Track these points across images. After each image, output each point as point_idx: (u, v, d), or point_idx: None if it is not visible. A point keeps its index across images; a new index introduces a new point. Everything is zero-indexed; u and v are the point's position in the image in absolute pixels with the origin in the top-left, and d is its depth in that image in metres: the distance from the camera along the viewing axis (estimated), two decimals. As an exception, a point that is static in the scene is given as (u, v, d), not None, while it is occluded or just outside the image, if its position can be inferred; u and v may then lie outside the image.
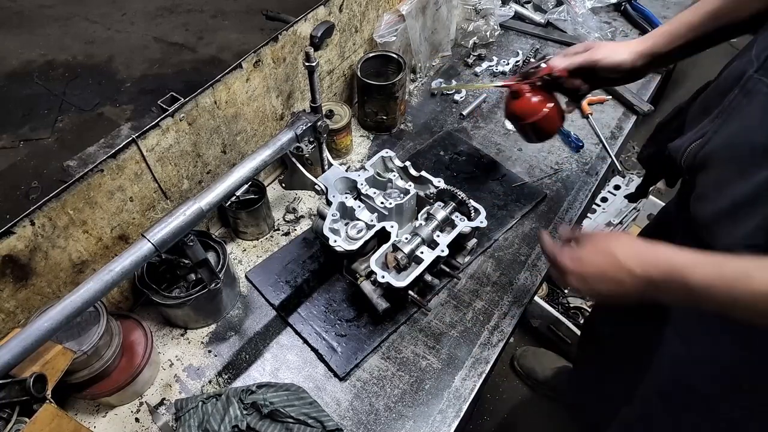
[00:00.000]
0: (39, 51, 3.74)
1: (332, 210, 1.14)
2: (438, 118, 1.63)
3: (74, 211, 0.97)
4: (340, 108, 1.46)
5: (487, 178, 1.45)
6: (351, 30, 1.48)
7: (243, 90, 1.20)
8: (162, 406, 1.08)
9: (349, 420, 1.05)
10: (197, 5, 4.13)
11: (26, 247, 0.92)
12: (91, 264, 1.06)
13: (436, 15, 1.66)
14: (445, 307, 1.21)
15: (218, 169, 1.25)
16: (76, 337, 0.94)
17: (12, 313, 0.97)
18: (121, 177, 1.02)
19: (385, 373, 1.11)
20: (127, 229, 1.10)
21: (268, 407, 0.99)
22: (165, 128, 1.06)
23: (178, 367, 1.13)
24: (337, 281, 1.24)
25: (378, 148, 1.54)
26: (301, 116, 1.13)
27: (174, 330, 1.19)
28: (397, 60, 1.51)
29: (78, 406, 1.07)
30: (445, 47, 1.80)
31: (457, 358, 1.13)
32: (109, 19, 4.00)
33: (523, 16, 1.93)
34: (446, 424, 1.04)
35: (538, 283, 1.25)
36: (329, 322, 1.17)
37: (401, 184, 1.20)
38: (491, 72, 1.75)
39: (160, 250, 0.88)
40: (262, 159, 1.04)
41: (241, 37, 3.83)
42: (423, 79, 1.74)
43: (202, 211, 0.94)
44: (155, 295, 1.08)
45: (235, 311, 1.22)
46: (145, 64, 3.64)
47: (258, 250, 1.33)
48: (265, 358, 1.14)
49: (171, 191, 1.16)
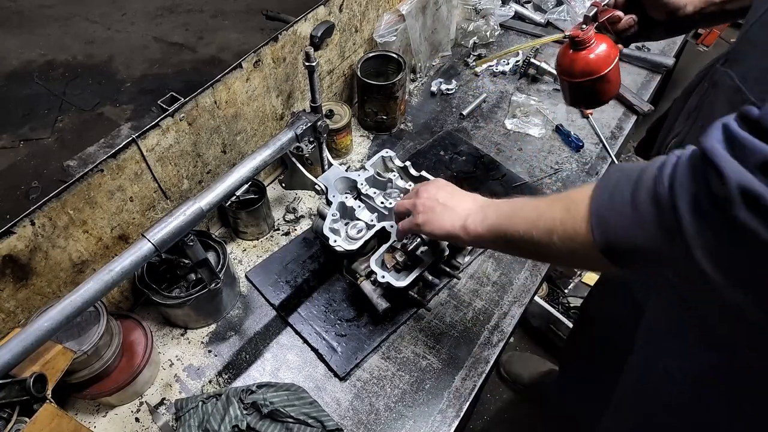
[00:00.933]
0: (39, 51, 3.74)
1: (332, 210, 1.14)
2: (438, 118, 1.63)
3: (74, 211, 0.97)
4: (340, 108, 1.46)
5: (487, 178, 1.45)
6: (351, 30, 1.48)
7: (243, 90, 1.20)
8: (162, 406, 1.08)
9: (349, 420, 1.05)
10: (197, 5, 4.14)
11: (26, 247, 0.92)
12: (91, 264, 1.06)
13: (436, 15, 1.66)
14: (445, 307, 1.21)
15: (218, 169, 1.25)
16: (76, 337, 0.94)
17: (12, 313, 0.97)
18: (121, 177, 1.02)
19: (385, 373, 1.11)
20: (127, 229, 1.10)
21: (268, 407, 0.99)
22: (165, 128, 1.06)
23: (178, 367, 1.13)
24: (337, 281, 1.24)
25: (378, 148, 1.54)
26: (301, 116, 1.13)
27: (174, 330, 1.19)
28: (397, 60, 1.51)
29: (78, 406, 1.07)
30: (445, 47, 1.80)
31: (457, 358, 1.13)
32: (109, 19, 4.00)
33: (523, 16, 1.93)
34: (446, 424, 1.04)
35: (538, 283, 1.25)
36: (329, 322, 1.17)
37: (401, 184, 1.20)
38: (491, 72, 1.75)
39: (160, 250, 0.88)
40: (262, 159, 1.04)
41: (241, 37, 3.83)
42: (423, 79, 1.75)
43: (202, 211, 0.94)
44: (155, 295, 1.08)
45: (235, 311, 1.22)
46: (145, 64, 3.64)
47: (258, 250, 1.33)
48: (265, 358, 1.14)
49: (171, 191, 1.16)
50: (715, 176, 0.51)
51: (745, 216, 0.49)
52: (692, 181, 0.54)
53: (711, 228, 0.53)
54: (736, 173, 0.50)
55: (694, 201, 0.54)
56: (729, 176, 0.50)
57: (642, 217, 0.59)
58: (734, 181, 0.49)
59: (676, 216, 0.55)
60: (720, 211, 0.51)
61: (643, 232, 0.59)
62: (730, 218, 0.50)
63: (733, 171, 0.50)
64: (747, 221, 0.49)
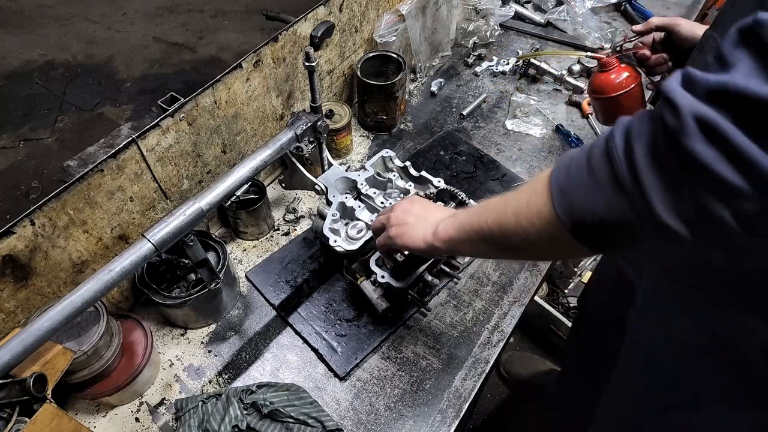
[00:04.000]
0: (39, 51, 3.75)
1: (332, 210, 1.14)
2: (438, 118, 1.63)
3: (74, 211, 0.97)
4: (340, 108, 1.46)
5: (487, 178, 1.45)
6: (351, 30, 1.49)
7: (243, 90, 1.20)
8: (162, 406, 1.08)
9: (349, 420, 1.05)
10: (197, 5, 4.14)
11: (26, 247, 0.92)
12: (91, 264, 1.06)
13: (436, 15, 1.66)
14: (445, 307, 1.21)
15: (218, 169, 1.25)
16: (76, 337, 0.94)
17: (12, 313, 0.97)
18: (121, 177, 1.02)
19: (385, 373, 1.11)
20: (127, 229, 1.10)
21: (268, 407, 0.99)
22: (165, 128, 1.06)
23: (178, 367, 1.13)
24: (337, 281, 1.24)
25: (378, 148, 1.54)
26: (301, 116, 1.13)
27: (174, 330, 1.19)
28: (397, 60, 1.51)
29: (78, 406, 1.07)
30: (445, 47, 1.80)
31: (457, 358, 1.13)
32: (109, 19, 4.00)
33: (523, 16, 1.93)
34: (446, 424, 1.04)
35: (538, 283, 1.25)
36: (329, 322, 1.17)
37: (401, 184, 1.20)
38: (491, 72, 1.75)
39: (160, 250, 0.88)
40: (262, 159, 1.04)
41: (241, 37, 3.84)
42: (423, 79, 1.75)
43: (202, 211, 0.94)
44: (155, 295, 1.08)
45: (235, 311, 1.22)
46: (145, 64, 3.64)
47: (258, 250, 1.33)
48: (265, 358, 1.14)
49: (171, 191, 1.16)
50: (669, 110, 0.51)
51: (699, 147, 0.49)
52: (649, 124, 0.54)
53: (667, 169, 0.52)
54: (689, 102, 0.50)
55: (651, 144, 0.53)
56: (682, 105, 0.50)
57: (597, 177, 0.58)
58: (688, 110, 0.49)
59: (631, 165, 0.54)
60: (674, 144, 0.50)
61: (601, 194, 0.57)
62: (685, 151, 0.49)
63: (686, 101, 0.50)
64: (699, 152, 0.49)
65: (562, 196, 0.62)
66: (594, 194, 0.58)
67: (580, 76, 1.66)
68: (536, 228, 0.66)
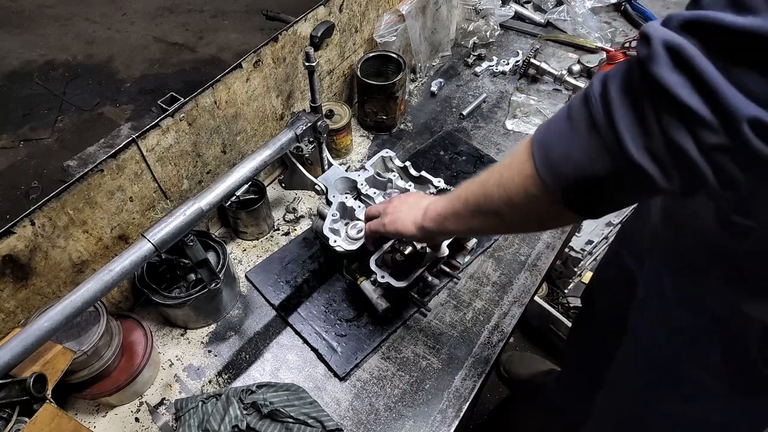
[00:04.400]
0: (39, 51, 3.75)
1: (332, 210, 1.14)
2: (438, 118, 1.63)
3: (74, 211, 0.97)
4: (340, 108, 1.46)
5: (487, 178, 1.45)
6: (351, 30, 1.49)
7: (243, 90, 1.20)
8: (162, 406, 1.08)
9: (349, 420, 1.05)
10: (197, 5, 4.14)
11: (26, 247, 0.92)
12: (91, 264, 1.06)
13: (436, 15, 1.66)
14: (445, 307, 1.21)
15: (218, 169, 1.25)
16: (76, 337, 0.94)
17: (12, 313, 0.97)
18: (121, 177, 1.02)
19: (385, 373, 1.11)
20: (127, 229, 1.10)
21: (268, 407, 0.99)
22: (165, 128, 1.06)
23: (178, 367, 1.13)
24: (337, 281, 1.24)
25: (378, 148, 1.54)
26: (301, 116, 1.13)
27: (174, 330, 1.19)
28: (397, 60, 1.51)
29: (78, 406, 1.07)
30: (445, 47, 1.80)
31: (457, 358, 1.13)
32: (109, 19, 4.00)
33: (523, 16, 1.93)
34: (446, 424, 1.04)
35: (538, 283, 1.25)
36: (329, 322, 1.17)
37: (401, 184, 1.20)
38: (491, 72, 1.75)
39: (160, 250, 0.88)
40: (262, 159, 1.04)
41: (241, 37, 3.84)
42: (423, 79, 1.75)
43: (202, 211, 0.94)
44: (155, 295, 1.08)
45: (235, 311, 1.22)
46: (145, 64, 3.64)
47: (258, 250, 1.33)
48: (265, 358, 1.14)
49: (171, 191, 1.16)
50: (642, 43, 0.51)
51: (666, 73, 0.49)
52: (626, 64, 0.54)
53: (637, 102, 0.51)
54: (662, 32, 0.50)
55: (625, 79, 0.53)
56: (654, 36, 0.50)
57: (574, 123, 0.57)
58: (659, 39, 0.50)
59: (605, 103, 0.53)
60: (644, 73, 0.50)
61: (578, 139, 0.56)
62: (653, 79, 0.49)
63: (659, 32, 0.50)
64: (666, 77, 0.49)
65: (540, 149, 0.61)
66: (571, 141, 0.58)
67: (580, 76, 1.66)
68: (516, 185, 0.65)
